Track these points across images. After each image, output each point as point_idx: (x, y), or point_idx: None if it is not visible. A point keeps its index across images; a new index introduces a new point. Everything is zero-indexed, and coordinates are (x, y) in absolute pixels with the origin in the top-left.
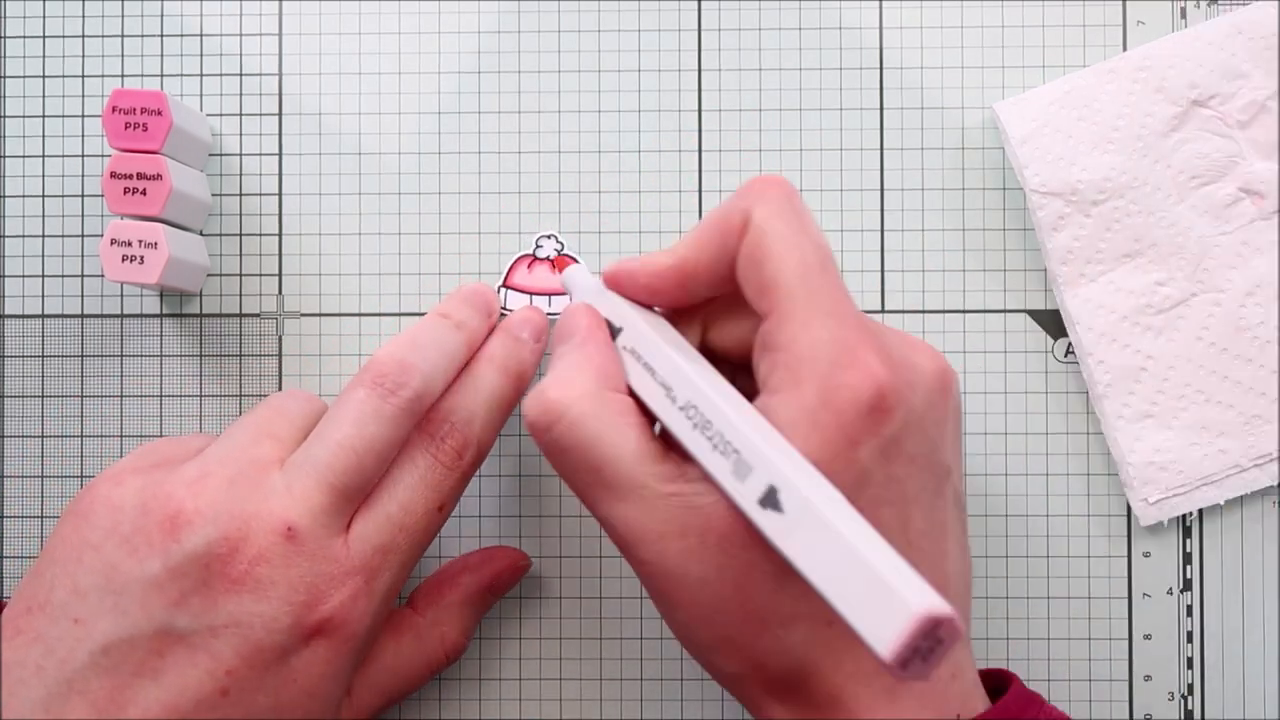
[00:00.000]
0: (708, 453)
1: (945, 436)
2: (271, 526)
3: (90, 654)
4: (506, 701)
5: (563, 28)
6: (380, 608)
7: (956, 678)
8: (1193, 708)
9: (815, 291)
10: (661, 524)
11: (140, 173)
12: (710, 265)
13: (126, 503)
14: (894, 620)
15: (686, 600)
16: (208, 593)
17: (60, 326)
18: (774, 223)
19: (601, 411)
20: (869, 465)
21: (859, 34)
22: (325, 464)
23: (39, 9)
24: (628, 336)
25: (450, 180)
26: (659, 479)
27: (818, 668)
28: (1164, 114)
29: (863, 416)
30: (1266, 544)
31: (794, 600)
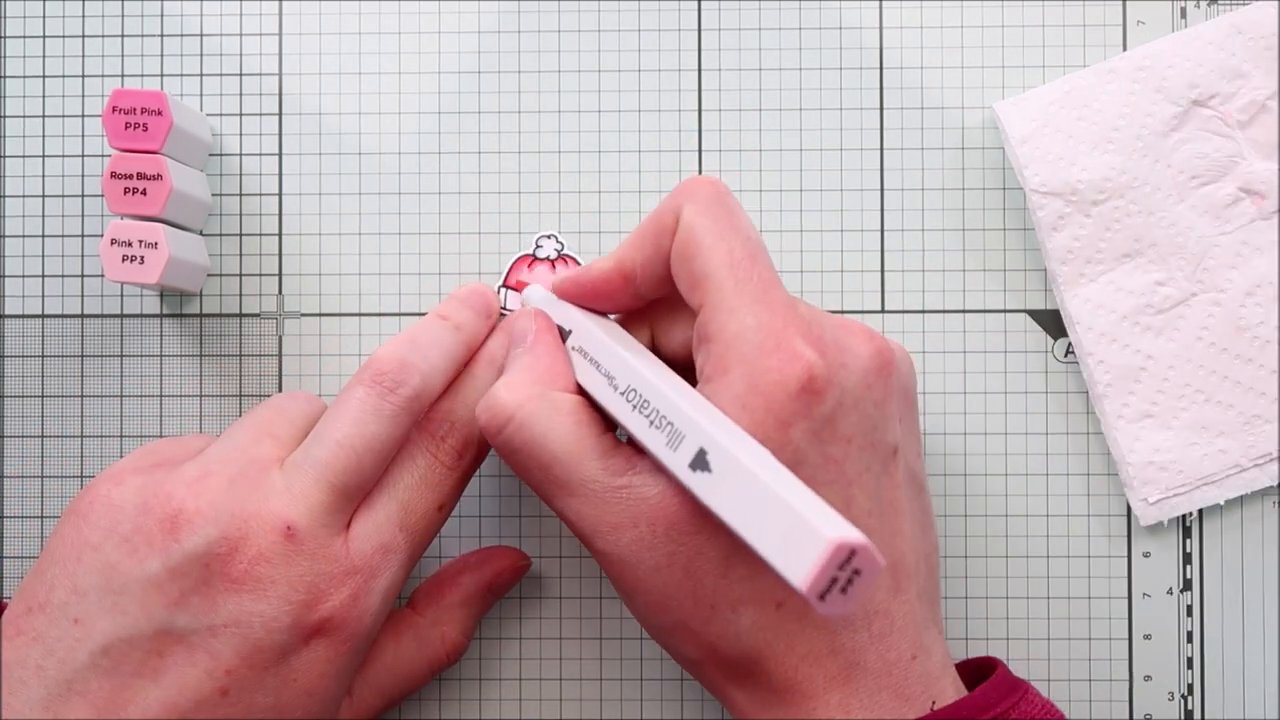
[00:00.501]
0: (645, 430)
1: (889, 416)
2: (271, 526)
3: (90, 654)
4: (506, 701)
5: (563, 28)
6: (380, 607)
7: (918, 658)
8: (1193, 708)
9: (742, 281)
10: (613, 516)
11: (140, 173)
12: (647, 264)
13: (126, 502)
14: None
15: (642, 588)
16: (207, 592)
17: (60, 326)
18: (701, 219)
19: (547, 410)
20: (802, 446)
21: (859, 34)
22: (325, 463)
23: (39, 9)
24: (576, 337)
25: (450, 180)
26: (607, 473)
27: (770, 650)
28: (1164, 114)
29: (791, 399)
30: (1266, 544)
31: (741, 583)
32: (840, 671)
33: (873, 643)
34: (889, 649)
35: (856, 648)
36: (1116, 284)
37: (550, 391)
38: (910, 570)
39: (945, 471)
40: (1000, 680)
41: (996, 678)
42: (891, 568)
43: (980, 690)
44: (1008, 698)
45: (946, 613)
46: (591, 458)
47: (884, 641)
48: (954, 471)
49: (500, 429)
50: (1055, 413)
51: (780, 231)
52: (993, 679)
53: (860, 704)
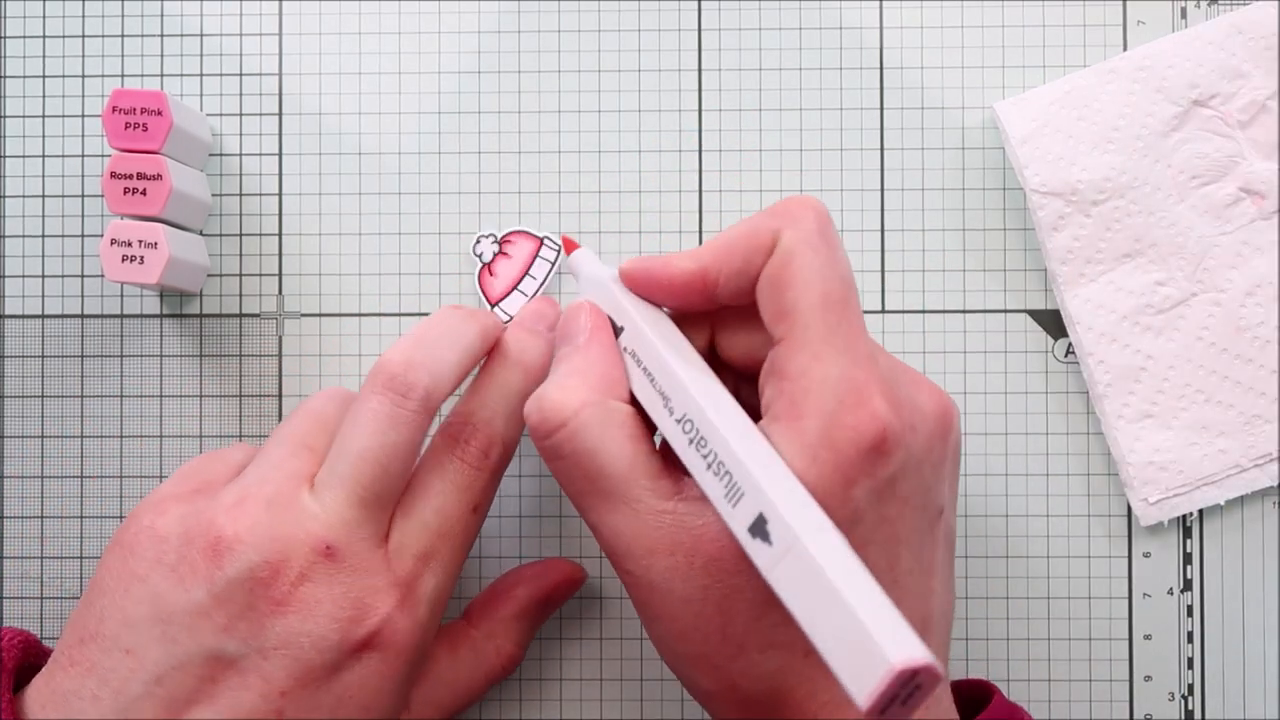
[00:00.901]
0: (701, 471)
1: (942, 478)
2: (311, 547)
3: (144, 684)
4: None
5: (563, 28)
6: (429, 617)
7: (930, 709)
8: (1193, 708)
9: (833, 326)
10: (652, 539)
11: (140, 173)
12: (732, 278)
13: (170, 532)
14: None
15: (667, 615)
16: (254, 616)
17: (60, 326)
18: (803, 249)
19: (603, 421)
20: (862, 505)
21: (859, 34)
22: (350, 478)
23: (39, 9)
24: (628, 337)
25: (450, 180)
26: (654, 495)
27: (792, 695)
28: (1164, 114)
29: (862, 457)
30: (1266, 544)
31: (774, 629)
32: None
33: None
34: None
35: None
36: (1116, 284)
37: (607, 400)
38: (934, 626)
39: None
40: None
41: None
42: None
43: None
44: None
45: None
46: (642, 476)
47: None
48: None
49: (551, 433)
50: (1055, 413)
51: None
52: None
53: None
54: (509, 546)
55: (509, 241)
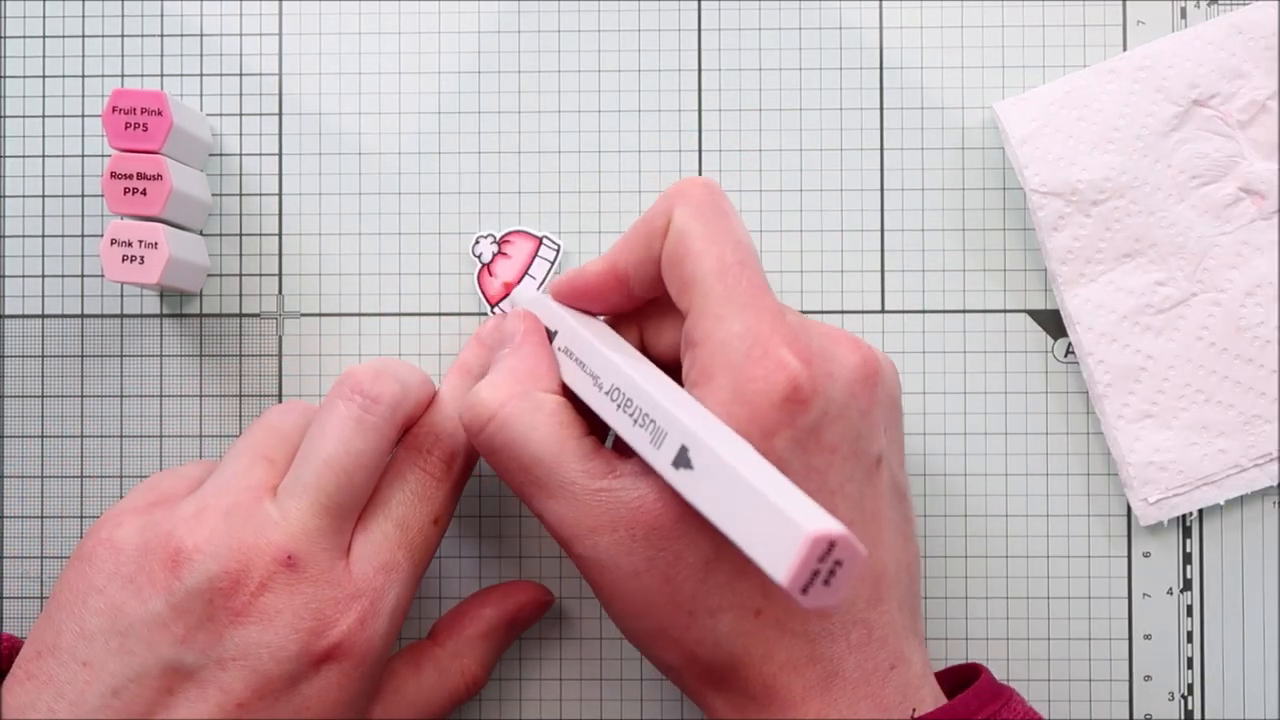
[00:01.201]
0: (629, 428)
1: (873, 426)
2: (272, 556)
3: (101, 696)
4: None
5: (563, 28)
6: (389, 629)
7: (897, 668)
8: (1193, 708)
9: (731, 287)
10: (592, 519)
11: (140, 173)
12: (639, 266)
13: (128, 544)
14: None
15: (620, 592)
16: (213, 627)
17: (60, 326)
18: (693, 223)
19: (529, 410)
20: (785, 456)
21: (859, 34)
22: (315, 486)
23: (39, 9)
24: (562, 338)
25: (450, 180)
26: (588, 475)
27: (749, 657)
28: (1164, 114)
29: (776, 407)
30: (1266, 544)
31: (720, 590)
32: (819, 680)
33: (851, 652)
34: (867, 658)
35: (835, 657)
36: (1116, 284)
37: (533, 391)
38: (891, 580)
39: (945, 472)
40: (982, 687)
41: (979, 685)
42: (872, 578)
43: (960, 698)
44: (989, 704)
45: (947, 613)
46: (572, 459)
47: (862, 651)
48: (954, 471)
49: (482, 428)
50: (1055, 413)
51: (780, 231)
52: (974, 686)
53: (838, 713)
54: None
55: (508, 241)
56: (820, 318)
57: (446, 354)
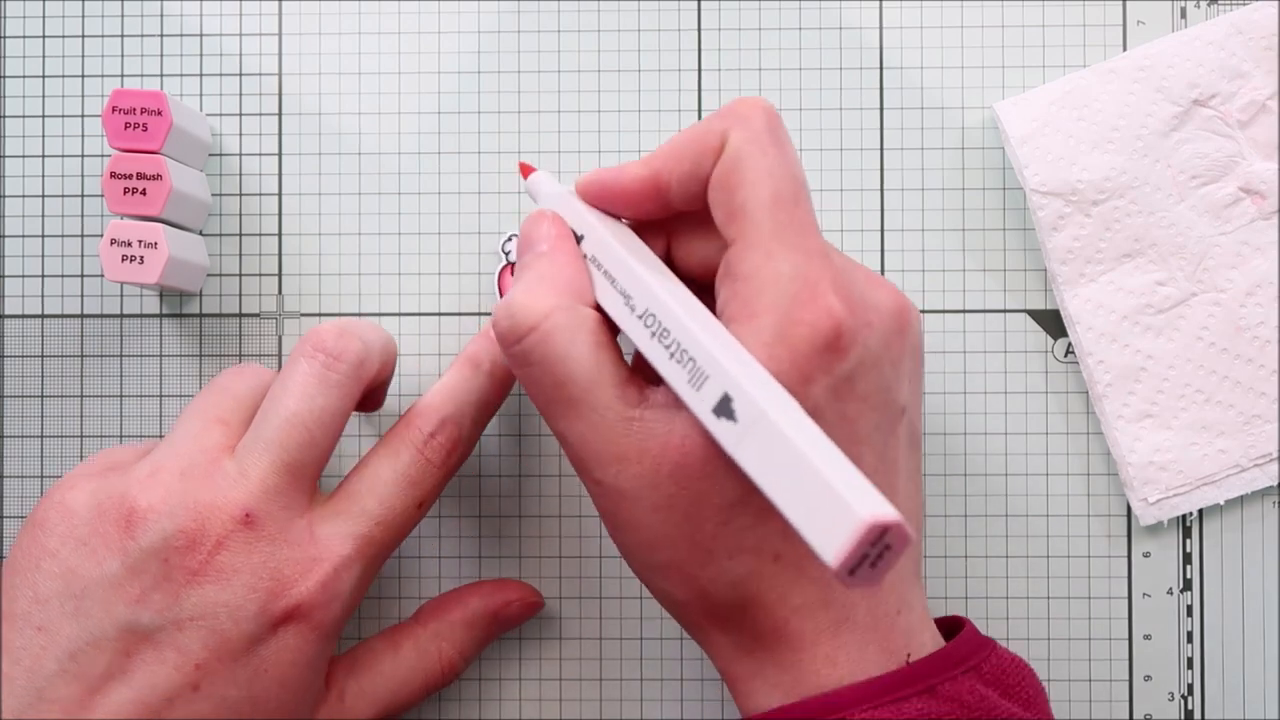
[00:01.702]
0: (665, 361)
1: (901, 376)
2: (229, 514)
3: (57, 660)
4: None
5: (563, 28)
6: (350, 597)
7: (902, 612)
8: (1193, 708)
9: (783, 224)
10: (619, 447)
11: (140, 173)
12: (682, 181)
13: (81, 506)
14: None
15: (636, 524)
16: (169, 587)
17: (60, 326)
18: (750, 149)
19: (572, 325)
20: (820, 402)
21: (859, 34)
22: (277, 443)
23: (39, 9)
24: (589, 244)
25: (450, 180)
26: (621, 401)
27: (763, 599)
28: (1164, 114)
29: (818, 353)
30: (1266, 544)
31: (741, 533)
32: (830, 624)
33: (863, 597)
34: (878, 604)
35: (848, 602)
36: (1116, 284)
37: (576, 305)
38: None
39: (945, 472)
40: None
41: (968, 632)
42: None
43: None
44: (980, 650)
45: (947, 611)
46: (609, 384)
47: (874, 596)
48: (954, 472)
49: (520, 338)
50: (1055, 413)
51: None
52: (964, 633)
53: (847, 656)
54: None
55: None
56: None
57: (446, 354)
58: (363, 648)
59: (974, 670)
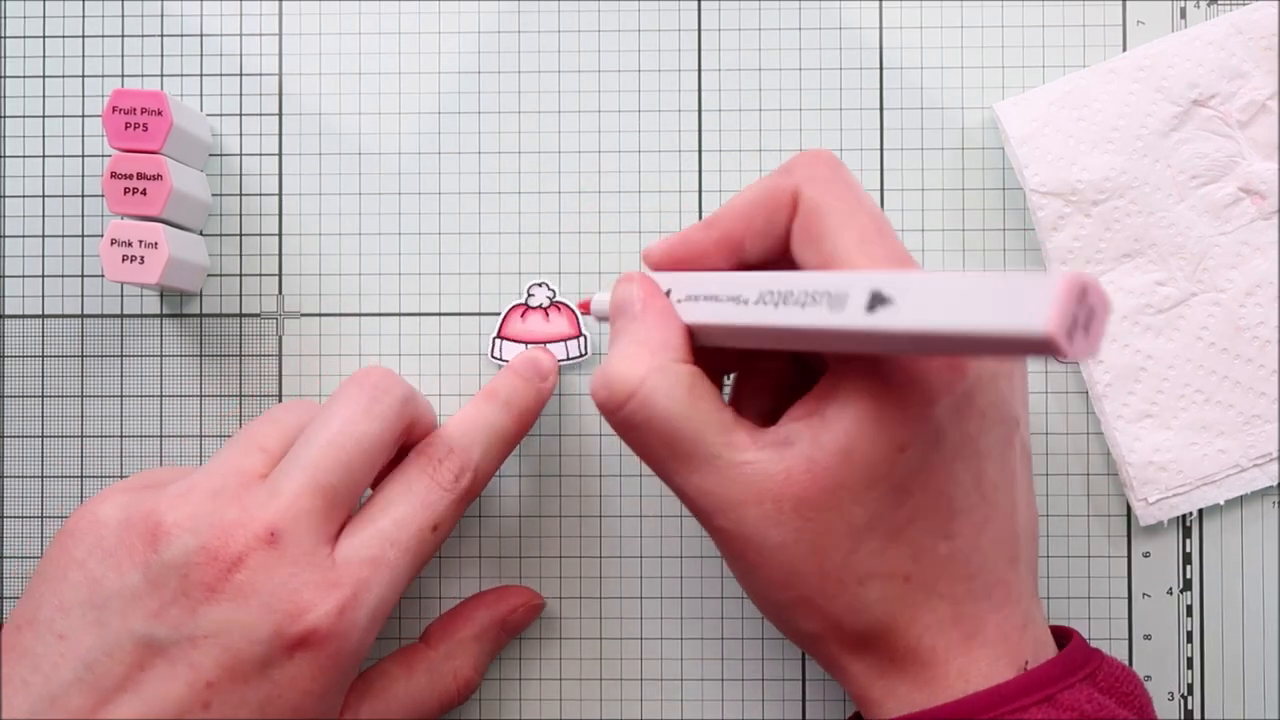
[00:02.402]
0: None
1: (1015, 388)
2: (253, 532)
3: (74, 670)
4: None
5: (563, 28)
6: (368, 625)
7: (1029, 627)
8: (1193, 708)
9: (877, 259)
10: (738, 492)
11: (140, 173)
12: (757, 240)
13: (110, 519)
14: (1041, 295)
15: (765, 564)
16: (187, 602)
17: (60, 326)
18: (826, 199)
19: (670, 385)
20: (944, 423)
21: (859, 34)
22: (312, 463)
23: (39, 9)
24: (680, 288)
25: (450, 181)
26: (732, 449)
27: (896, 622)
28: (1164, 114)
29: (937, 375)
30: (1266, 544)
31: (871, 558)
32: (961, 640)
33: (993, 611)
34: (1006, 618)
35: (979, 616)
36: (1116, 284)
37: (671, 363)
38: (1023, 545)
39: None
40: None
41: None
42: (1012, 538)
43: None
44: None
45: None
46: (715, 432)
47: (1002, 611)
48: None
49: (621, 405)
50: (1055, 413)
51: None
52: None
53: (979, 672)
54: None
55: (556, 308)
56: None
57: (446, 354)
58: (375, 671)
59: (1089, 678)
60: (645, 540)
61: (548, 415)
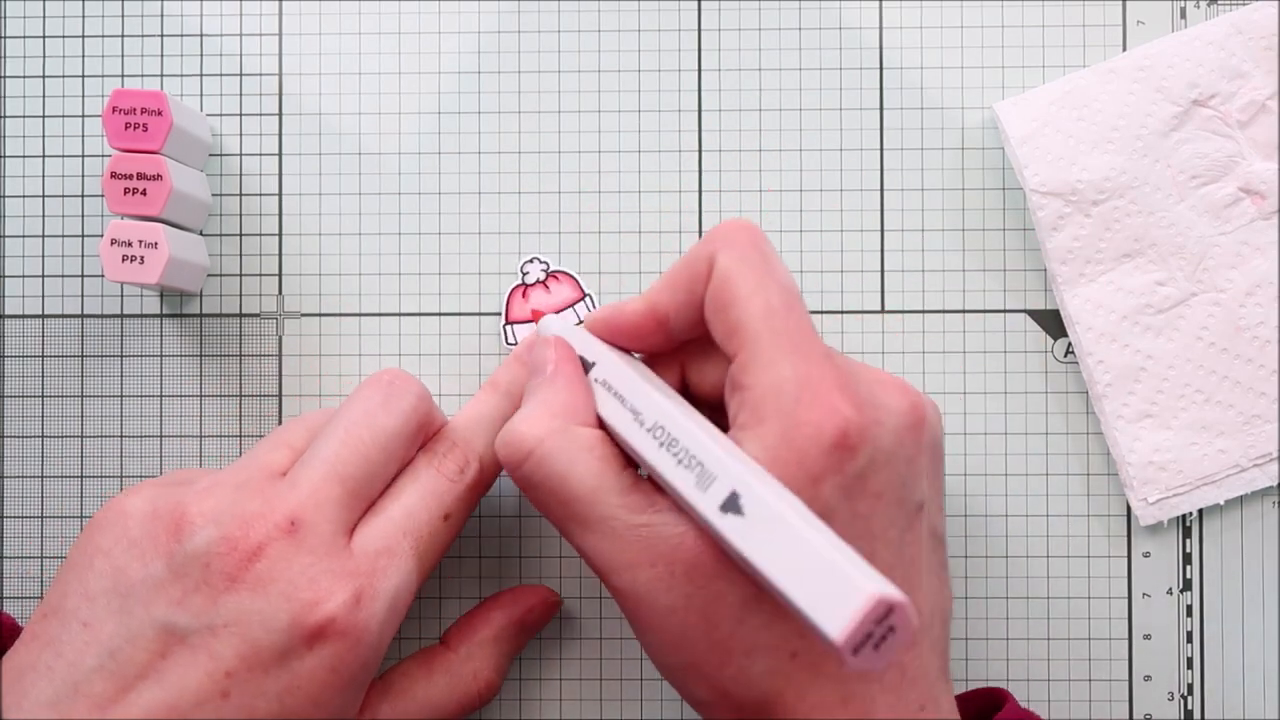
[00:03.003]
0: (673, 468)
1: (918, 473)
2: (274, 522)
3: (97, 656)
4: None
5: (563, 28)
6: (386, 616)
7: (926, 708)
8: (1193, 708)
9: (779, 332)
10: (631, 554)
11: (140, 173)
12: (680, 309)
13: (137, 511)
14: (845, 603)
15: (656, 626)
16: (208, 591)
17: (60, 326)
18: (739, 266)
19: (568, 446)
20: (832, 502)
21: (859, 34)
22: (331, 454)
23: (39, 9)
24: (600, 369)
25: (450, 180)
26: (627, 510)
27: (782, 698)
28: (1164, 114)
29: (825, 454)
30: (1266, 544)
31: (757, 631)
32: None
33: (884, 693)
34: (899, 700)
35: (868, 698)
36: (1116, 284)
37: (571, 426)
38: (925, 624)
39: (945, 471)
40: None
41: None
42: None
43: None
44: None
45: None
46: (612, 494)
47: (895, 693)
48: (954, 472)
49: (520, 464)
50: (1055, 413)
51: (780, 231)
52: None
53: None
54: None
55: (554, 278)
56: (820, 318)
57: (446, 354)
58: (396, 672)
59: None
60: None
61: None
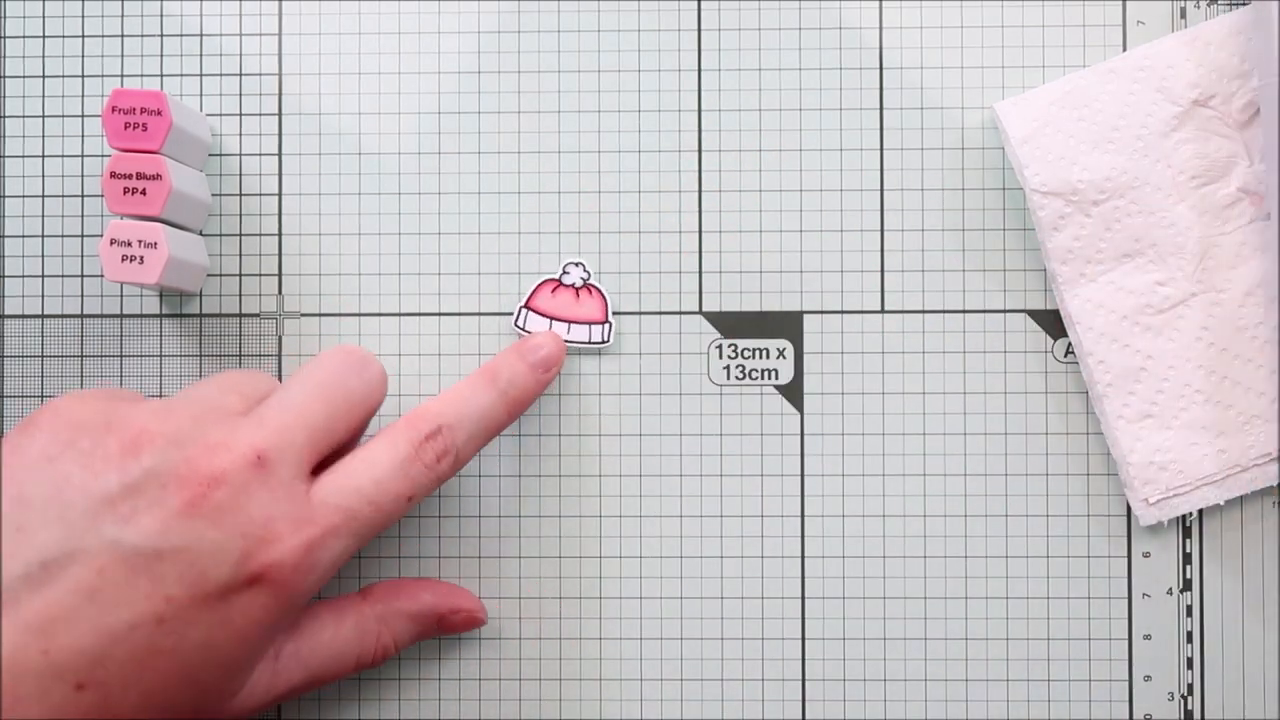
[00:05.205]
0: None
1: None
2: (240, 452)
3: (26, 565)
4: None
5: (563, 28)
6: (324, 572)
7: None
8: (1193, 708)
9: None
10: None
11: (140, 173)
12: None
13: (89, 421)
14: None
15: None
16: (160, 513)
17: (60, 326)
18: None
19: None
20: None
21: (859, 34)
22: (302, 403)
23: (39, 9)
24: None
25: (450, 181)
26: None
27: None
28: (1164, 114)
29: None
30: (1266, 544)
31: None
32: None
33: None
34: None
35: None
36: (1116, 284)
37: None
38: None
39: (945, 472)
40: None
41: None
42: None
43: None
44: None
45: (946, 613)
46: None
47: None
48: (954, 471)
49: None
50: (1055, 413)
51: (780, 231)
52: None
53: None
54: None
55: (589, 290)
56: (820, 318)
57: (446, 354)
58: (307, 613)
59: None
60: (645, 540)
61: (548, 413)
